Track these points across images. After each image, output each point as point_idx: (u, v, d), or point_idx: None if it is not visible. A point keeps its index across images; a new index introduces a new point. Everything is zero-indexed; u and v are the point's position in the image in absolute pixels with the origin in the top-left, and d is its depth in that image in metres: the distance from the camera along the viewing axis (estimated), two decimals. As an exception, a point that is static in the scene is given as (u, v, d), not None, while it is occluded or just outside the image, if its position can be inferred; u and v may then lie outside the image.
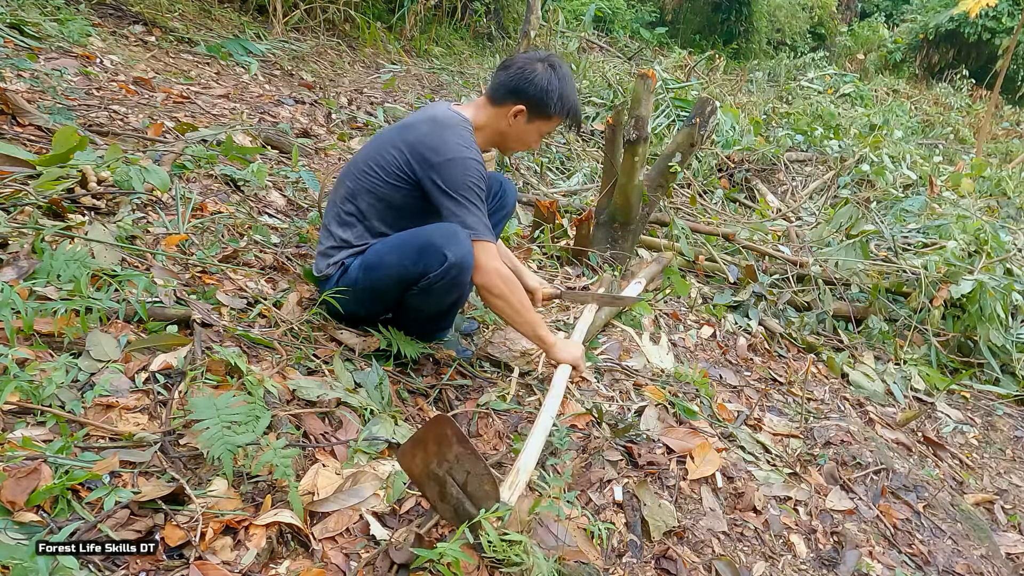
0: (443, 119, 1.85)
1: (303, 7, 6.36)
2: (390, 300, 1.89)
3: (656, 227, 3.81)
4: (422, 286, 1.78)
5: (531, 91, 1.86)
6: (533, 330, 1.90)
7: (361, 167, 1.91)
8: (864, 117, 7.77)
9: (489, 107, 1.92)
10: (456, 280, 1.77)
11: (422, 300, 1.84)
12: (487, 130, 1.93)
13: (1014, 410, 3.10)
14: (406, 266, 1.77)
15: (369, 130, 4.39)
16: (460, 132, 1.83)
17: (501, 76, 1.90)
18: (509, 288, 1.83)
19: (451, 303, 1.93)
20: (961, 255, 3.55)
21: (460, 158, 1.77)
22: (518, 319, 1.87)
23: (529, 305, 1.89)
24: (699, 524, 1.67)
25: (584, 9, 10.93)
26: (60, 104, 2.79)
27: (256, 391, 1.48)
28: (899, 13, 17.19)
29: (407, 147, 1.83)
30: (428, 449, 1.24)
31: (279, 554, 1.24)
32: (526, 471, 1.43)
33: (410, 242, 1.79)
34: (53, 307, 1.49)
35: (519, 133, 1.95)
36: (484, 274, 1.80)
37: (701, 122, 3.07)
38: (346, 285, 1.87)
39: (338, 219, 1.93)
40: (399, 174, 1.84)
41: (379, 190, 1.87)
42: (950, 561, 1.88)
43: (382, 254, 1.83)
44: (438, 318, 2.01)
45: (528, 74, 1.86)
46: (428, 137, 1.81)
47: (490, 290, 1.82)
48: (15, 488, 1.11)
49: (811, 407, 2.51)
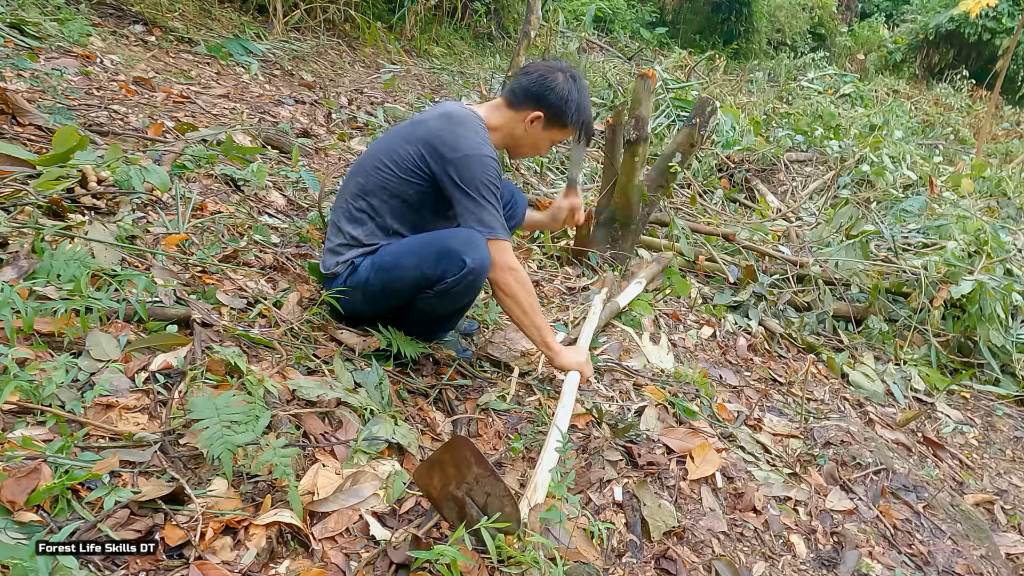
0: (457, 115, 1.85)
1: (303, 7, 6.36)
2: (402, 301, 1.89)
3: (656, 227, 3.81)
4: (438, 290, 1.78)
5: (552, 99, 1.87)
6: (540, 335, 1.90)
7: (373, 163, 1.90)
8: (864, 117, 7.77)
9: (506, 110, 1.92)
10: (472, 285, 1.79)
11: (436, 302, 1.85)
12: (501, 132, 1.93)
13: (1014, 410, 3.10)
14: (424, 270, 1.77)
15: (369, 130, 4.39)
16: (475, 128, 1.83)
17: (522, 80, 1.90)
18: (521, 288, 1.83)
19: (462, 306, 1.95)
20: (961, 255, 3.55)
21: (477, 154, 1.77)
22: (526, 321, 1.87)
23: (539, 309, 1.89)
24: (699, 524, 1.67)
25: (584, 9, 10.94)
26: (60, 104, 2.79)
27: (256, 391, 1.48)
28: (899, 13, 17.19)
29: (421, 142, 1.82)
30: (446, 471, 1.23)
31: (279, 554, 1.24)
32: (543, 486, 1.44)
33: (429, 246, 1.79)
34: (53, 307, 1.49)
35: (533, 139, 1.95)
36: (498, 271, 1.80)
37: (701, 122, 3.07)
38: (355, 284, 1.87)
39: (348, 215, 1.92)
40: (413, 169, 1.83)
41: (392, 186, 1.86)
42: (950, 561, 1.88)
43: (398, 256, 1.82)
44: (445, 320, 2.03)
45: (550, 82, 1.87)
46: (443, 132, 1.80)
47: (502, 288, 1.83)
48: (15, 488, 1.11)
49: (811, 407, 2.51)
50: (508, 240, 1.82)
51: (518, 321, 1.89)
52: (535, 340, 1.92)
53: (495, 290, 1.86)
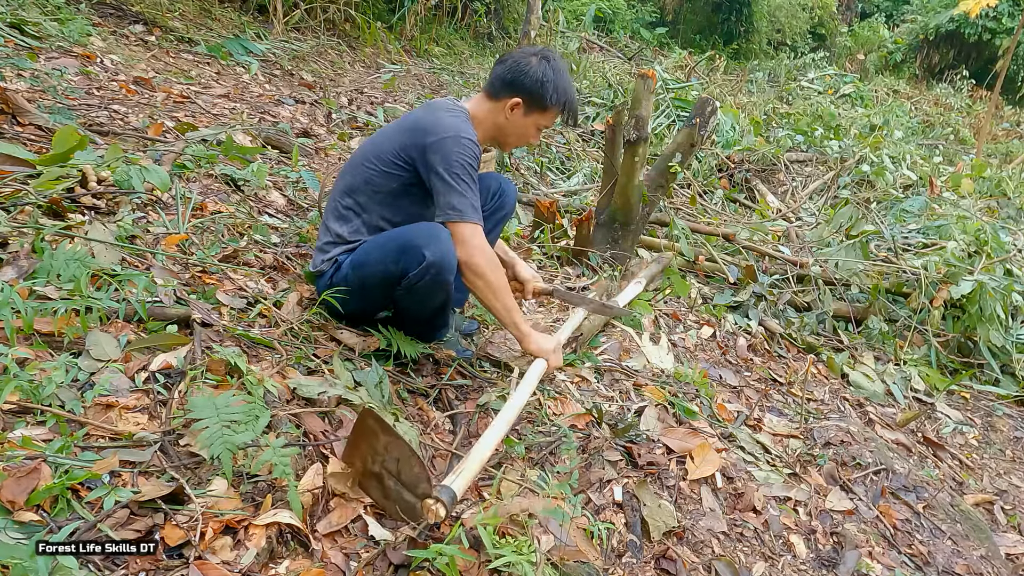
0: (439, 104, 1.91)
1: (303, 7, 6.36)
2: (379, 298, 1.90)
3: (656, 227, 3.81)
4: (404, 285, 1.78)
5: (527, 83, 1.88)
6: (509, 315, 1.88)
7: (360, 161, 1.94)
8: (864, 117, 7.77)
9: (487, 101, 1.95)
10: (436, 279, 1.76)
11: (409, 300, 1.85)
12: (486, 123, 1.95)
13: (1014, 410, 3.10)
14: (387, 265, 1.78)
15: (369, 130, 4.39)
16: (455, 113, 1.86)
17: (497, 70, 1.93)
18: (490, 268, 1.81)
19: (439, 304, 1.91)
20: (961, 256, 3.55)
21: (453, 136, 1.78)
22: (495, 302, 1.85)
23: (509, 290, 1.87)
24: (699, 524, 1.67)
25: (584, 9, 10.94)
26: (60, 104, 2.79)
27: (256, 391, 1.48)
28: (899, 13, 17.18)
29: (403, 132, 1.87)
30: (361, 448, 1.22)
31: (279, 554, 1.24)
32: (478, 459, 1.40)
33: (392, 241, 1.80)
34: (53, 307, 1.49)
35: (517, 127, 1.96)
36: (466, 250, 1.78)
37: (701, 122, 3.07)
38: (339, 281, 1.88)
39: (336, 213, 1.95)
40: (395, 161, 1.86)
41: (377, 181, 1.89)
42: (950, 562, 1.88)
43: (368, 252, 1.85)
44: (431, 318, 1.99)
45: (523, 67, 1.88)
46: (423, 120, 1.85)
47: (472, 268, 1.80)
48: (15, 488, 1.11)
49: (811, 407, 2.51)
50: (479, 223, 1.80)
51: (487, 303, 1.86)
52: (505, 321, 1.90)
53: (464, 272, 1.82)
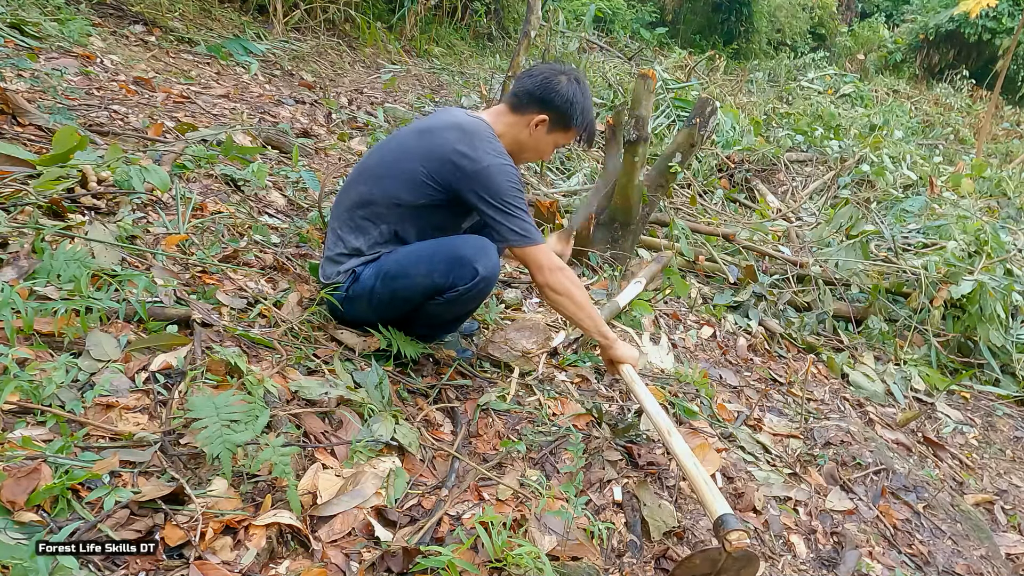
0: (469, 126, 1.81)
1: (303, 7, 6.36)
2: (409, 308, 1.88)
3: (656, 227, 3.81)
4: (448, 297, 1.79)
5: (556, 101, 1.85)
6: (596, 325, 1.88)
7: (377, 172, 1.87)
8: (864, 117, 7.77)
9: (509, 115, 1.90)
10: (483, 292, 1.82)
11: (443, 308, 1.85)
12: (506, 138, 1.89)
13: (1014, 410, 3.10)
14: (434, 278, 1.77)
15: (369, 130, 4.39)
16: (489, 138, 1.81)
17: (526, 83, 1.88)
18: (573, 286, 1.84)
19: (469, 311, 1.99)
20: (961, 255, 3.55)
21: (497, 165, 1.75)
22: (582, 314, 1.86)
23: (591, 302, 1.90)
24: (699, 524, 1.67)
25: (584, 9, 10.92)
26: (60, 104, 2.79)
27: (256, 391, 1.48)
28: (899, 13, 17.17)
29: (436, 158, 1.78)
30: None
31: (279, 554, 1.24)
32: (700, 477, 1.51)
33: (439, 253, 1.78)
34: (53, 307, 1.49)
35: (537, 143, 1.93)
36: (547, 273, 1.80)
37: (701, 122, 3.07)
38: (358, 292, 1.85)
39: (351, 224, 1.88)
40: (427, 182, 1.79)
41: (401, 196, 1.82)
42: (950, 561, 1.88)
43: (405, 264, 1.81)
44: (451, 324, 2.06)
45: (554, 84, 1.85)
46: (459, 145, 1.76)
47: (555, 288, 1.81)
48: (15, 488, 1.11)
49: (811, 407, 2.51)
50: (543, 241, 1.82)
51: (573, 316, 1.86)
52: (590, 331, 1.89)
53: (546, 292, 1.83)
